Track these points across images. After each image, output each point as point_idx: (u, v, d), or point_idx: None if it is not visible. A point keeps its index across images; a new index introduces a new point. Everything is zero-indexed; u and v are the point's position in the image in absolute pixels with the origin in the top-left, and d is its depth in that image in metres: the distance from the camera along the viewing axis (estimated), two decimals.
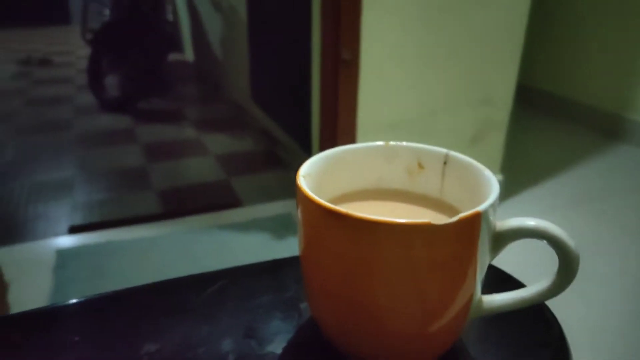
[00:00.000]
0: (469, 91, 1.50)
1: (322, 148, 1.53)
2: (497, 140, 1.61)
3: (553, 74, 2.63)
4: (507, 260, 0.40)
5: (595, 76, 2.41)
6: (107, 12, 2.78)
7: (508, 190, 1.75)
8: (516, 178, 1.79)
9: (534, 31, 1.59)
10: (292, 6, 1.92)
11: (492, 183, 0.27)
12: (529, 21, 1.46)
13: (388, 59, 1.37)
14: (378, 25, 1.31)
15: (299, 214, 0.28)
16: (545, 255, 0.32)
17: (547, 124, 2.53)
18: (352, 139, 1.40)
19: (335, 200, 0.32)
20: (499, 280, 0.36)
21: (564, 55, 2.56)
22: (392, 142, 0.33)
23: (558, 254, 0.27)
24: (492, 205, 0.26)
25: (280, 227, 1.58)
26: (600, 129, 2.37)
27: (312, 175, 0.29)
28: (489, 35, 1.44)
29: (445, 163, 0.32)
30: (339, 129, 1.39)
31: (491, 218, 0.26)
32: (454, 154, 0.31)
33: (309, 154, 1.73)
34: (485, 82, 1.51)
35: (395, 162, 0.33)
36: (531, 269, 0.61)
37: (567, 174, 1.95)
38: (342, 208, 0.25)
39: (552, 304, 0.33)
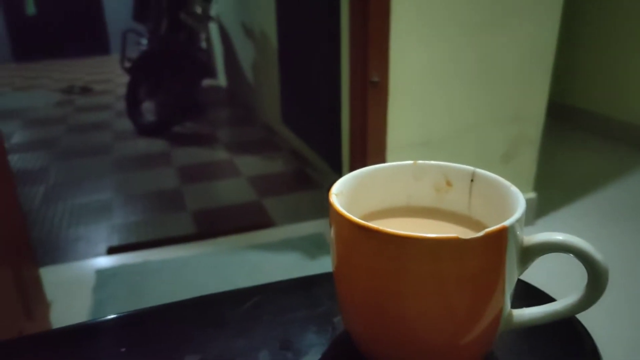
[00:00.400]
0: (500, 109, 1.50)
1: (353, 168, 1.54)
2: (529, 157, 1.58)
3: (587, 90, 2.58)
4: (536, 275, 0.40)
5: (630, 91, 2.36)
6: (144, 42, 2.91)
7: (541, 209, 1.71)
8: (550, 196, 1.76)
9: (567, 48, 1.58)
10: (321, 30, 1.96)
11: (519, 199, 0.28)
12: (562, 38, 1.45)
13: (417, 79, 1.38)
14: (406, 47, 1.33)
15: (331, 231, 0.29)
16: (575, 270, 0.32)
17: (581, 141, 2.47)
18: (382, 159, 1.41)
19: (365, 218, 0.33)
20: (529, 294, 0.36)
21: (598, 71, 2.51)
22: (420, 161, 0.34)
23: (586, 267, 0.27)
24: (519, 220, 0.26)
25: (312, 246, 1.59)
26: (636, 145, 2.30)
27: (343, 193, 0.31)
28: (519, 52, 1.43)
29: (472, 180, 0.32)
30: (369, 149, 1.40)
31: (518, 232, 0.27)
32: (480, 171, 0.32)
33: (339, 174, 1.75)
34: (515, 100, 1.50)
35: (423, 180, 0.34)
36: (561, 284, 0.60)
37: (602, 192, 1.90)
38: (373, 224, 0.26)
39: (585, 319, 0.33)
